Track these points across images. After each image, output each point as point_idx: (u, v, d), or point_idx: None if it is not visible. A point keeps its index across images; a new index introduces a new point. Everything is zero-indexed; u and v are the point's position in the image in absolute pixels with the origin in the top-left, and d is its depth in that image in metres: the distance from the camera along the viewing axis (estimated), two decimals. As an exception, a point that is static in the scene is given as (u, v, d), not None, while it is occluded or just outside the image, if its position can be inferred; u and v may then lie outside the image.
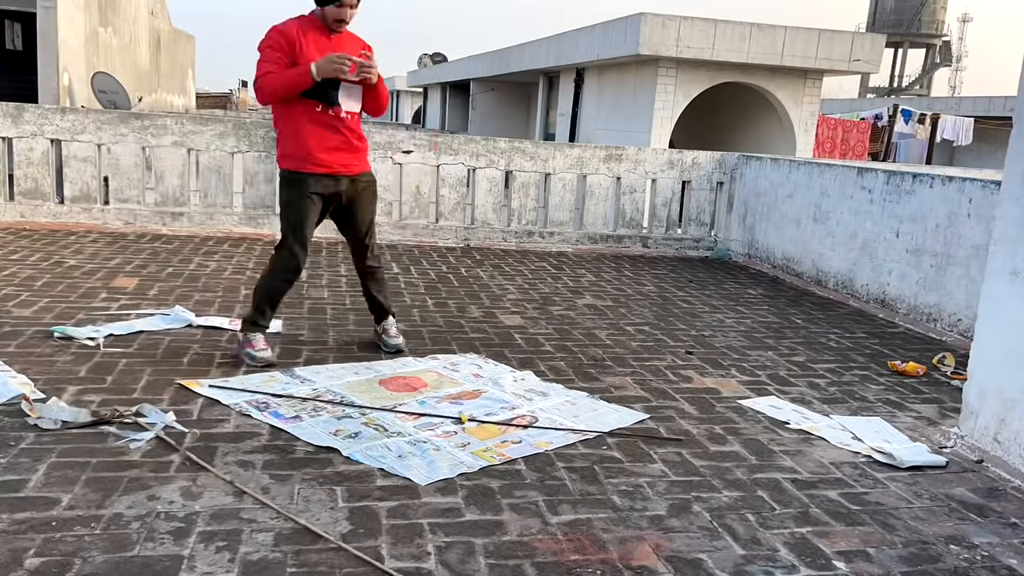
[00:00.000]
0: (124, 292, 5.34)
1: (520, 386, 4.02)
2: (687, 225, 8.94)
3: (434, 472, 2.97)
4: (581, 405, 3.82)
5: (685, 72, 15.75)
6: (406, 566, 2.38)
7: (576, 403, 3.83)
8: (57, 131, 7.48)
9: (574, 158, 8.54)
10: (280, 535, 2.50)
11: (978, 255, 5.43)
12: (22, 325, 4.43)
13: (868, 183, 6.74)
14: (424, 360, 4.35)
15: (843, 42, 15.90)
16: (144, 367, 3.93)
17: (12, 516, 2.50)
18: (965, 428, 3.65)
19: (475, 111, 28.13)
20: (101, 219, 7.63)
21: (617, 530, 2.68)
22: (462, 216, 8.41)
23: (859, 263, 6.77)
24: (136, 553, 2.35)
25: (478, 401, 3.74)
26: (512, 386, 4.00)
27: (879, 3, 57.22)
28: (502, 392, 3.90)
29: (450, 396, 3.79)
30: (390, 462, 3.02)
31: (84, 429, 3.14)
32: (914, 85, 58.61)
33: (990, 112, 23.73)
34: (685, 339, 5.18)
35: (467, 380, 4.05)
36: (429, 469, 2.99)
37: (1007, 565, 2.65)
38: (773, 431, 3.68)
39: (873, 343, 5.43)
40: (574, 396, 3.93)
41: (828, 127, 18.43)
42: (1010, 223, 3.47)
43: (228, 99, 43.80)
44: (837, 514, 2.91)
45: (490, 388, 3.94)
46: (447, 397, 3.78)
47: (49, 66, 12.98)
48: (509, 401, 3.78)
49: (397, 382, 3.95)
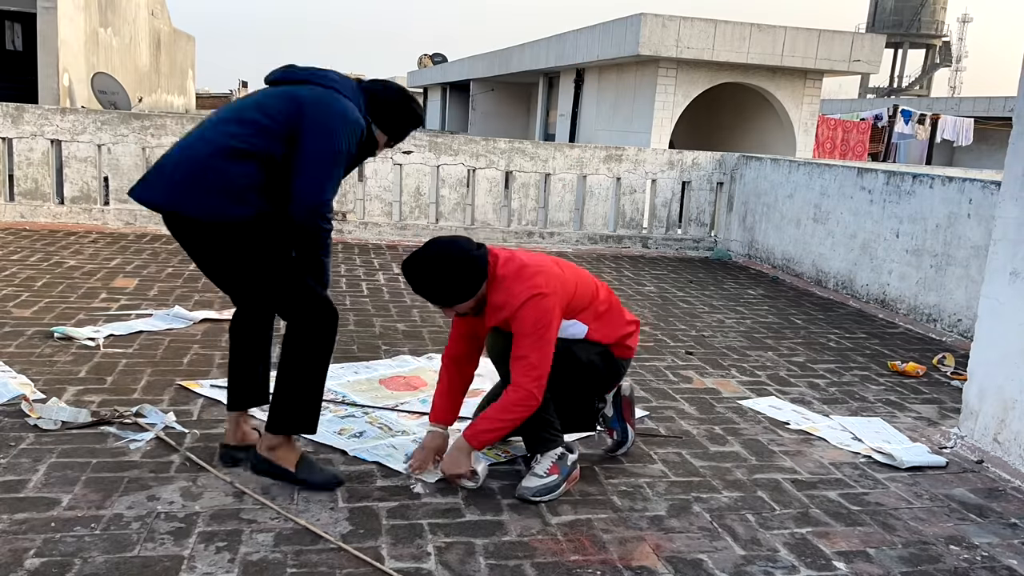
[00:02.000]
0: (124, 292, 5.34)
1: None
2: (687, 225, 8.94)
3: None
4: None
5: (685, 72, 15.75)
6: (406, 566, 2.38)
7: None
8: (57, 131, 7.49)
9: (574, 158, 8.54)
10: (280, 535, 2.50)
11: (978, 255, 5.43)
12: (22, 325, 4.43)
13: (868, 183, 6.74)
14: (420, 359, 4.35)
15: (843, 42, 15.89)
16: (144, 367, 3.93)
17: (12, 516, 2.50)
18: (965, 428, 3.65)
19: (475, 111, 28.11)
20: (101, 219, 7.63)
21: (617, 530, 2.68)
22: (462, 216, 8.41)
23: (859, 263, 6.77)
24: (136, 553, 2.35)
25: (475, 400, 3.73)
26: None
27: (879, 3, 57.22)
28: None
29: None
30: (396, 462, 3.02)
31: (84, 429, 3.14)
32: (914, 85, 58.60)
33: (990, 112, 23.73)
34: (685, 339, 5.18)
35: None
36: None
37: (1007, 565, 2.65)
38: (773, 431, 3.68)
39: (873, 343, 5.43)
40: None
41: (828, 127, 18.42)
42: (1010, 223, 3.47)
43: (228, 99, 43.82)
44: (837, 514, 2.91)
45: (488, 385, 3.93)
46: None
47: (49, 67, 12.98)
48: None
49: (396, 381, 3.95)
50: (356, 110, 2.71)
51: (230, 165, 2.59)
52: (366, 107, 2.79)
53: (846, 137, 18.68)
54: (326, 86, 2.71)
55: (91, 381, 3.70)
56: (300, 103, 2.64)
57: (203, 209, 2.59)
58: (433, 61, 36.76)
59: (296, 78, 2.76)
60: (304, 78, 2.74)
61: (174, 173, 2.65)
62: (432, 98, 35.64)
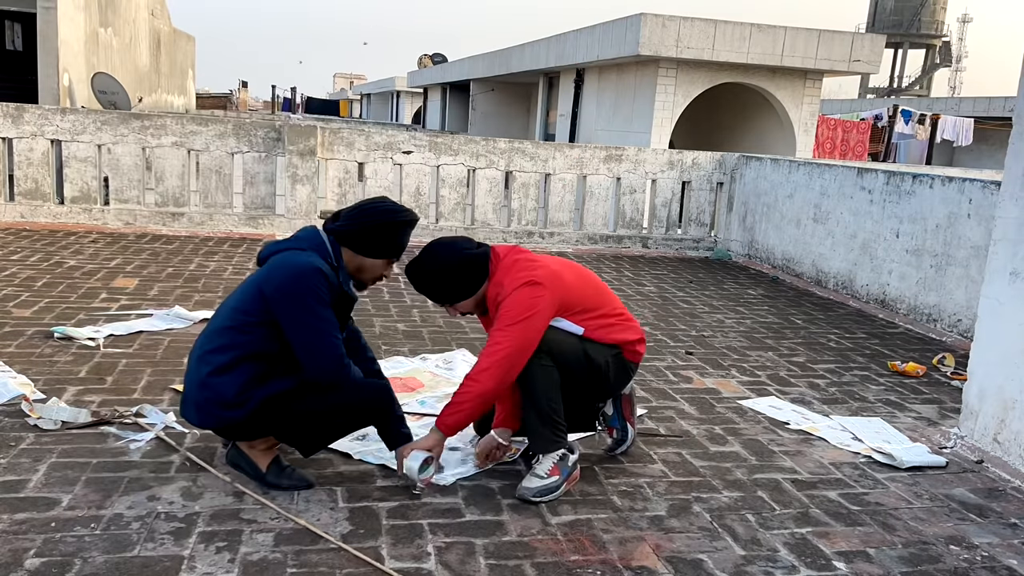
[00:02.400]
0: (124, 292, 5.34)
1: None
2: (687, 225, 8.94)
3: (450, 471, 2.99)
4: None
5: (685, 72, 15.75)
6: (406, 566, 2.38)
7: None
8: (57, 131, 7.49)
9: (574, 158, 8.54)
10: (280, 535, 2.50)
11: (978, 255, 5.43)
12: (22, 325, 4.43)
13: (868, 184, 6.74)
14: (414, 360, 4.35)
15: (843, 42, 15.89)
16: (144, 367, 3.93)
17: (12, 516, 2.50)
18: (965, 428, 3.65)
19: (475, 111, 28.11)
20: (101, 219, 7.63)
21: (617, 530, 2.68)
22: (462, 216, 8.41)
23: (859, 263, 6.77)
24: (136, 553, 2.35)
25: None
26: None
27: (879, 3, 57.22)
28: None
29: (447, 396, 3.78)
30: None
31: (84, 429, 3.14)
32: (914, 86, 58.60)
33: (990, 113, 23.73)
34: (685, 339, 5.18)
35: (462, 379, 4.03)
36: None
37: (1007, 565, 2.65)
38: (773, 431, 3.68)
39: (873, 343, 5.43)
40: None
41: (828, 127, 18.42)
42: (1010, 223, 3.47)
43: (228, 99, 43.83)
44: (837, 514, 2.91)
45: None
46: (446, 397, 3.77)
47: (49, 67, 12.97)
48: None
49: (394, 383, 3.93)
50: (313, 255, 2.69)
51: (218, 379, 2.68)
52: (345, 241, 2.75)
53: (846, 137, 18.68)
54: (281, 250, 2.74)
55: (91, 381, 3.70)
56: (258, 285, 2.69)
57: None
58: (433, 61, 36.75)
59: (264, 256, 2.80)
60: (267, 255, 2.78)
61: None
62: (432, 98, 35.62)
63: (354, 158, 8.06)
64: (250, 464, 2.81)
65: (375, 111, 52.04)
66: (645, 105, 16.11)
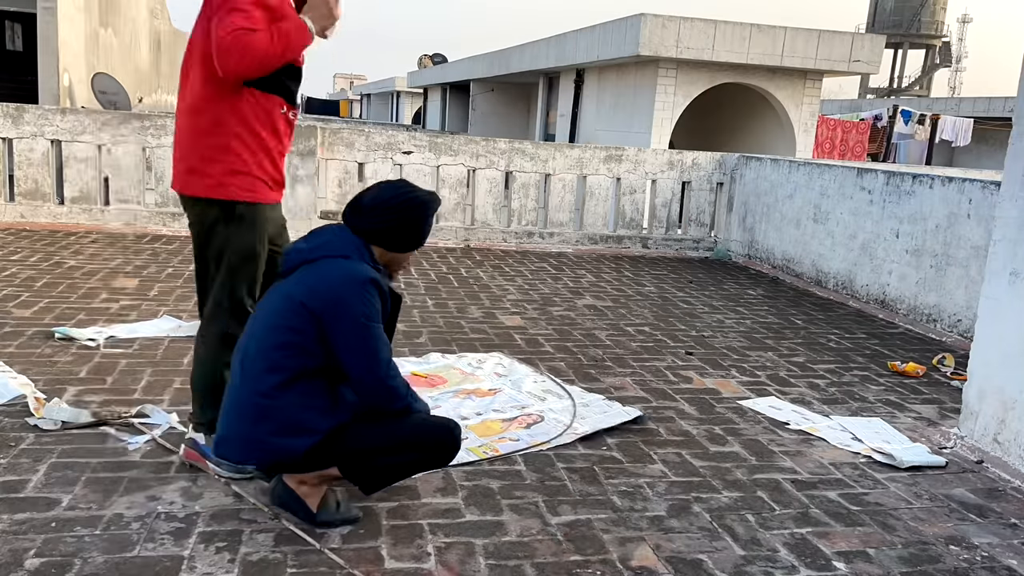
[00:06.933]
0: (125, 293, 5.34)
1: (538, 387, 4.00)
2: (687, 226, 8.94)
3: None
4: (594, 407, 3.78)
5: (685, 73, 15.75)
6: (406, 566, 2.38)
7: (589, 405, 3.81)
8: (57, 132, 7.48)
9: (574, 159, 8.54)
10: (280, 535, 2.50)
11: (978, 255, 5.43)
12: (23, 326, 4.44)
13: (868, 184, 6.74)
14: (449, 357, 4.36)
15: (843, 43, 15.89)
16: (144, 368, 3.93)
17: (12, 516, 2.50)
18: (965, 428, 3.66)
19: (475, 112, 28.10)
20: (101, 220, 7.63)
21: (617, 530, 2.68)
22: (462, 217, 8.41)
23: (859, 264, 6.77)
24: (136, 553, 2.35)
25: (489, 400, 3.73)
26: (531, 387, 3.99)
27: (879, 4, 57.20)
28: (517, 392, 3.89)
29: (463, 391, 3.79)
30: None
31: (84, 430, 3.14)
32: (914, 86, 58.59)
33: (990, 113, 23.73)
34: (685, 340, 5.18)
35: (488, 378, 4.04)
36: None
37: (1007, 565, 2.65)
38: (773, 432, 3.68)
39: (873, 344, 5.43)
40: (590, 399, 3.90)
41: (828, 128, 18.42)
42: (1010, 223, 3.47)
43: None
44: (837, 514, 2.91)
45: (507, 388, 3.93)
46: (458, 393, 3.78)
47: (49, 67, 12.96)
48: (520, 400, 3.77)
49: (417, 380, 3.92)
50: (359, 263, 2.50)
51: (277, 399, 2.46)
52: (378, 239, 2.57)
53: (846, 137, 18.68)
54: (318, 258, 2.52)
55: (91, 381, 3.70)
56: (298, 299, 2.45)
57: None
58: (433, 61, 36.73)
59: (292, 265, 2.56)
60: (295, 263, 2.55)
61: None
62: (432, 98, 35.62)
63: (354, 158, 8.06)
64: (300, 505, 2.56)
65: (375, 111, 52.04)
66: (645, 105, 16.11)
